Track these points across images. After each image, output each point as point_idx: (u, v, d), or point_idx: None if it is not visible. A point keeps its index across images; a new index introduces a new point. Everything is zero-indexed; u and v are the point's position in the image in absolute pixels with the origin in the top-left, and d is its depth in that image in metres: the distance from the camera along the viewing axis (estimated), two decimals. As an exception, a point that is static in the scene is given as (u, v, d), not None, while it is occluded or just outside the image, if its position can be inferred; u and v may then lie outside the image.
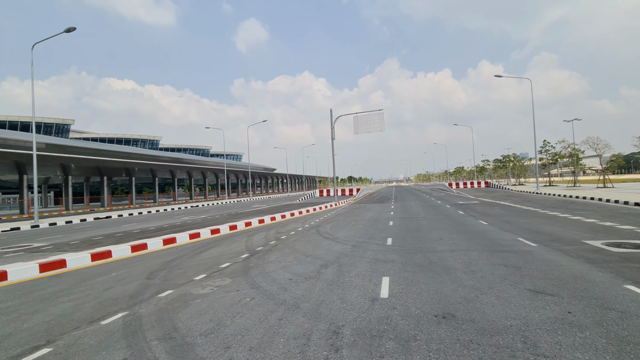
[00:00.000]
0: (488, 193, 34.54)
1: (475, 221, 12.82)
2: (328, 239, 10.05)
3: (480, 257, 6.73)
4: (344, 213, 18.92)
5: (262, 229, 13.17)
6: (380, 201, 28.51)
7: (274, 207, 27.01)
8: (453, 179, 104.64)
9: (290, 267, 6.56)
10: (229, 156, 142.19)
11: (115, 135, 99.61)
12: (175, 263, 7.43)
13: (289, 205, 28.26)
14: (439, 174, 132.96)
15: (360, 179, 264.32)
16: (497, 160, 64.66)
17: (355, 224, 13.56)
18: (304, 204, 28.75)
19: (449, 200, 25.56)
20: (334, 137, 25.95)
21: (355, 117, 25.70)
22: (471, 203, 22.10)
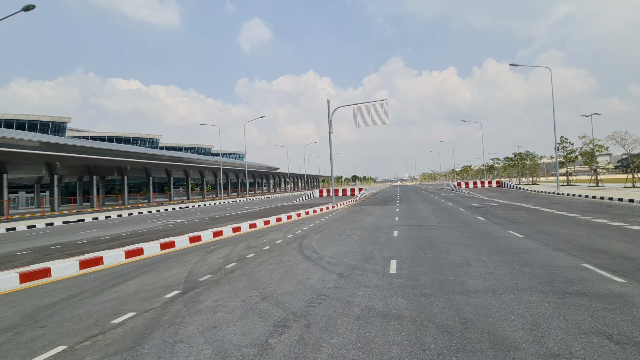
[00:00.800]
0: (502, 193, 31.52)
1: (504, 232, 9.97)
2: (309, 259, 7.29)
3: (549, 312, 3.91)
4: (341, 218, 16.16)
5: (231, 241, 10.44)
6: (383, 203, 25.68)
7: (265, 210, 24.33)
8: (460, 178, 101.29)
9: (224, 328, 3.82)
10: (231, 155, 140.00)
11: (114, 134, 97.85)
12: (28, 323, 4.68)
13: (283, 207, 25.56)
14: (445, 173, 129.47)
15: (365, 179, 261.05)
16: (507, 159, 61.36)
17: (351, 233, 10.80)
18: (299, 206, 26.03)
19: (461, 202, 22.68)
20: (331, 131, 23.18)
21: (355, 109, 22.90)
22: (489, 206, 19.20)
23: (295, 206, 26.35)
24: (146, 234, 13.30)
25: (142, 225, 17.25)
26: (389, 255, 7.35)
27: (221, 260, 7.62)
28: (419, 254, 7.31)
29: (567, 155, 41.84)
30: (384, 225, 12.52)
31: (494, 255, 7.00)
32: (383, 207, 21.90)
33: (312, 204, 27.00)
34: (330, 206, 22.18)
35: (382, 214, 17.11)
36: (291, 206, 26.74)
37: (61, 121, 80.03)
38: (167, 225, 16.54)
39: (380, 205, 23.41)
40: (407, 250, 7.82)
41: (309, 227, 12.87)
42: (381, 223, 13.34)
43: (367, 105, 22.74)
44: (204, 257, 7.96)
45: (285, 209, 23.26)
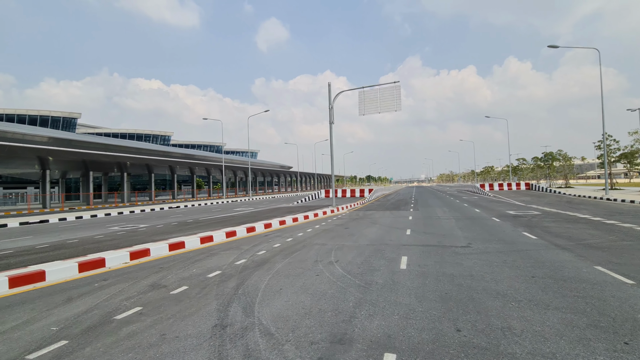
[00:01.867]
0: (537, 198, 26.81)
1: (588, 267, 5.84)
2: (222, 335, 3.54)
3: None
4: (334, 228, 12.30)
5: (142, 271, 6.77)
6: (394, 207, 21.60)
7: (254, 213, 20.70)
8: (481, 179, 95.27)
9: None
10: (244, 153, 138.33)
11: (127, 131, 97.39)
12: None
13: (276, 210, 21.89)
14: (464, 174, 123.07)
15: (379, 179, 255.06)
16: (535, 159, 55.75)
17: (336, 259, 6.97)
18: (295, 209, 22.31)
19: (491, 209, 18.40)
20: (332, 120, 19.31)
21: (361, 93, 18.94)
22: (530, 215, 14.89)
23: (291, 209, 22.64)
24: (56, 249, 9.82)
25: (77, 234, 13.89)
26: (385, 330, 3.49)
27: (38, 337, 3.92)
28: (445, 332, 3.42)
29: (611, 154, 36.44)
30: (388, 244, 8.61)
31: (597, 332, 3.04)
32: (393, 212, 17.88)
33: (312, 207, 23.25)
34: (329, 210, 18.34)
35: (390, 224, 13.13)
36: (286, 209, 23.06)
37: (71, 117, 79.42)
38: (116, 233, 13.11)
39: (390, 210, 19.37)
40: (421, 314, 3.93)
41: (282, 244, 9.11)
42: (385, 239, 9.43)
43: (375, 89, 18.75)
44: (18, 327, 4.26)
45: (277, 213, 19.60)
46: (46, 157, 39.19)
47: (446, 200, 28.15)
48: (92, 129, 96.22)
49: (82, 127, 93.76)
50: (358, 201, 27.83)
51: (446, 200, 27.23)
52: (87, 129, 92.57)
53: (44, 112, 79.43)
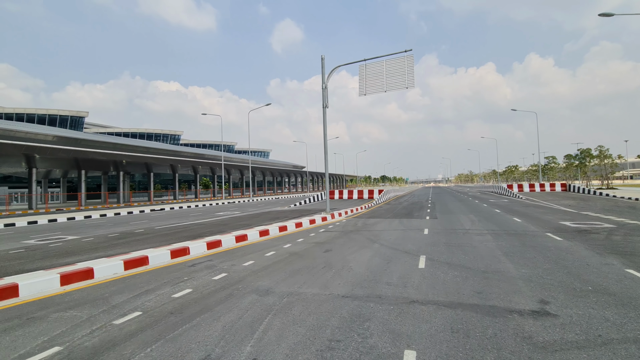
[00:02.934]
0: (583, 202, 21.84)
1: None
2: None
3: None
4: (306, 252, 8.12)
5: None
6: (406, 213, 17.24)
7: (228, 220, 16.77)
8: (503, 179, 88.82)
9: None
10: (256, 153, 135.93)
11: (137, 130, 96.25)
12: None
13: (259, 217, 17.93)
14: (484, 174, 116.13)
15: (395, 179, 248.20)
16: (569, 156, 49.78)
17: (267, 340, 2.96)
18: (285, 214, 18.33)
19: (534, 217, 13.86)
20: (326, 103, 15.18)
21: (362, 68, 14.72)
22: (599, 227, 10.31)
23: (280, 214, 18.67)
24: None
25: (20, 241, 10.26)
26: None
27: None
28: None
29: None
30: (383, 298, 4.44)
31: None
32: (403, 222, 13.58)
33: (306, 211, 19.25)
34: (320, 218, 14.22)
35: (395, 243, 8.87)
36: (275, 214, 19.08)
37: (79, 115, 78.16)
38: (30, 246, 9.43)
39: (400, 217, 15.05)
40: None
41: (192, 291, 5.09)
42: (381, 280, 5.27)
43: (380, 62, 14.47)
44: None
45: (259, 220, 15.67)
46: (32, 155, 36.60)
47: (470, 203, 23.52)
48: (103, 129, 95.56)
49: (94, 126, 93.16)
50: (364, 204, 23.59)
51: (470, 204, 22.63)
52: (98, 129, 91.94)
53: (52, 111, 78.46)
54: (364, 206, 21.95)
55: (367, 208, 21.38)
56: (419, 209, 19.76)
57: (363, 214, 17.68)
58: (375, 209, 20.34)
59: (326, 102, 15.23)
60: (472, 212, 17.11)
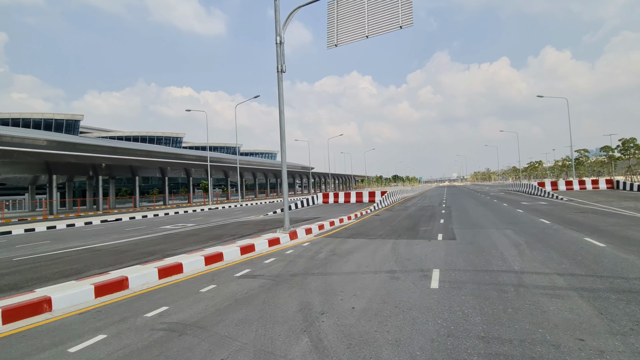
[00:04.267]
0: (660, 203, 15.90)
1: None
2: None
3: None
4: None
5: None
6: (407, 229, 11.75)
7: (154, 240, 11.76)
8: (525, 176, 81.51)
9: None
10: (262, 154, 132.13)
11: (139, 133, 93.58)
12: None
13: (201, 234, 12.83)
14: (503, 172, 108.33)
15: (407, 179, 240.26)
16: (607, 148, 42.90)
17: None
18: (241, 230, 13.22)
19: (620, 235, 8.30)
20: (282, 67, 9.99)
21: (332, 6, 9.51)
22: None
23: (228, 231, 13.54)
24: None
25: None
26: None
27: None
28: None
29: None
30: None
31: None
32: (397, 248, 8.21)
33: (276, 223, 14.12)
34: (267, 241, 8.98)
35: (358, 333, 3.59)
36: (228, 228, 13.93)
37: (74, 119, 75.39)
38: None
39: (396, 238, 9.64)
40: None
41: None
42: None
43: (362, -6, 9.19)
44: None
45: (186, 242, 10.61)
46: (-9, 159, 32.62)
47: (497, 208, 17.84)
48: (105, 132, 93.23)
49: (96, 130, 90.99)
50: (359, 210, 18.26)
51: (499, 209, 16.97)
52: (100, 133, 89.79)
53: (47, 115, 75.83)
54: (356, 214, 16.62)
55: (359, 217, 16.02)
56: (428, 218, 14.26)
57: (347, 227, 12.34)
58: (368, 219, 14.96)
59: (282, 64, 10.03)
60: (508, 223, 11.57)
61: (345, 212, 18.63)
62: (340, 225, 13.02)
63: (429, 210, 17.96)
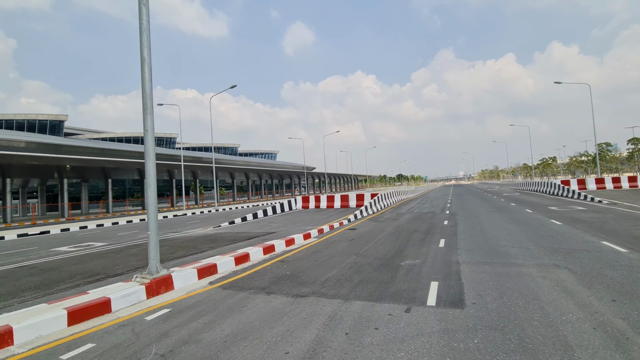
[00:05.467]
0: None
1: None
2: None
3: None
4: None
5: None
6: (380, 268, 7.13)
7: None
8: (538, 173, 75.95)
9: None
10: (262, 155, 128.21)
11: (132, 135, 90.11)
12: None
13: (86, 261, 8.33)
14: (513, 169, 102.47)
15: (412, 178, 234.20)
16: (636, 140, 37.56)
17: None
18: (131, 259, 8.68)
19: None
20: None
21: None
22: None
23: (115, 256, 9.01)
24: None
25: None
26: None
27: None
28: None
29: None
30: None
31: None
32: (333, 338, 3.58)
33: (218, 242, 9.60)
34: (95, 301, 4.40)
35: None
36: (113, 255, 9.43)
37: (59, 119, 71.73)
38: None
39: (344, 299, 5.02)
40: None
41: None
42: None
43: None
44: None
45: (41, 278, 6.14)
46: None
47: (522, 217, 13.00)
48: (97, 134, 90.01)
49: (87, 132, 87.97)
50: (337, 220, 13.62)
51: (526, 221, 12.13)
52: (91, 134, 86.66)
53: (31, 116, 72.34)
54: (330, 225, 11.98)
55: (326, 233, 11.34)
56: (422, 236, 9.54)
57: (287, 258, 7.67)
58: (336, 237, 10.28)
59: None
60: (551, 250, 6.82)
61: (317, 222, 14.00)
62: (283, 252, 8.37)
63: (427, 221, 13.20)
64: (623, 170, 54.98)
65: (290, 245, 9.10)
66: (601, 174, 48.29)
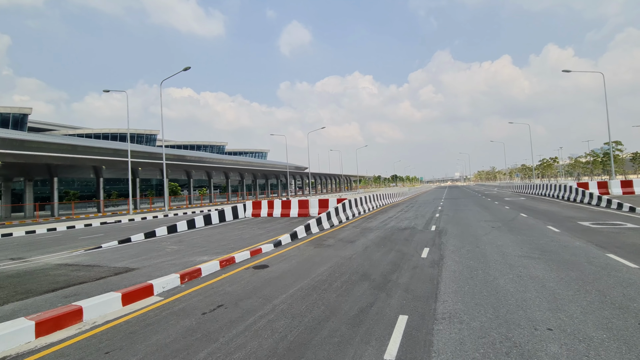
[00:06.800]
0: None
1: None
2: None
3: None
4: None
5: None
6: None
7: None
8: (536, 175, 71.51)
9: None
10: (252, 154, 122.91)
11: (109, 131, 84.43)
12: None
13: None
14: (511, 170, 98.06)
15: (408, 179, 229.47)
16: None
17: None
18: None
19: None
20: None
21: None
22: None
23: None
24: None
25: None
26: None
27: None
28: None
29: None
30: None
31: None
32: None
33: None
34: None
35: None
36: None
37: (22, 113, 65.80)
38: None
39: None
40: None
41: None
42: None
43: None
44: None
45: None
46: None
47: (555, 247, 8.03)
48: (73, 130, 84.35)
49: (63, 128, 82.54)
50: (265, 242, 8.65)
51: (576, 265, 7.17)
52: (67, 130, 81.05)
53: (-10, 107, 66.44)
54: (196, 272, 6.95)
55: (183, 286, 6.31)
56: (365, 304, 4.57)
57: None
58: (191, 300, 5.29)
59: None
60: None
61: (235, 244, 8.99)
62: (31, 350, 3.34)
63: (396, 248, 8.19)
64: (628, 172, 50.47)
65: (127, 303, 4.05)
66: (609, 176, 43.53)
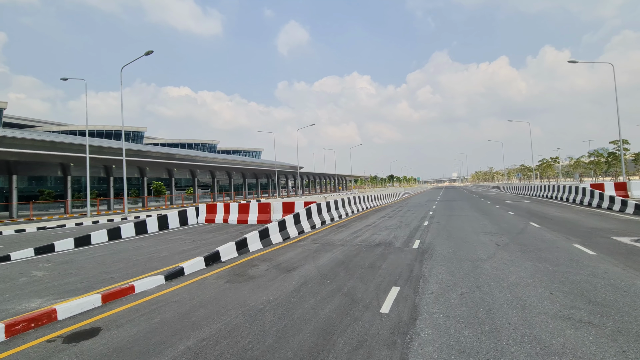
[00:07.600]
0: None
1: None
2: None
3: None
4: None
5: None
6: None
7: None
8: (536, 175, 68.80)
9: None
10: (246, 152, 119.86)
11: (95, 128, 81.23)
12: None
13: None
14: (509, 171, 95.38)
15: (405, 179, 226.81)
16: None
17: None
18: None
19: None
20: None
21: None
22: None
23: None
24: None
25: None
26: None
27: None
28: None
29: None
30: None
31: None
32: None
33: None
34: None
35: None
36: None
37: (-2, 107, 62.17)
38: None
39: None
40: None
41: None
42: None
43: None
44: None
45: None
46: None
47: (611, 298, 5.12)
48: (57, 127, 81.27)
49: (47, 124, 79.51)
50: (188, 260, 5.66)
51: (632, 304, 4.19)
52: (51, 127, 78.13)
53: (-32, 103, 62.92)
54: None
55: None
56: None
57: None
58: None
59: None
60: None
61: (127, 270, 5.97)
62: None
63: (351, 282, 5.20)
64: (631, 173, 47.88)
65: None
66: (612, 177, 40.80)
